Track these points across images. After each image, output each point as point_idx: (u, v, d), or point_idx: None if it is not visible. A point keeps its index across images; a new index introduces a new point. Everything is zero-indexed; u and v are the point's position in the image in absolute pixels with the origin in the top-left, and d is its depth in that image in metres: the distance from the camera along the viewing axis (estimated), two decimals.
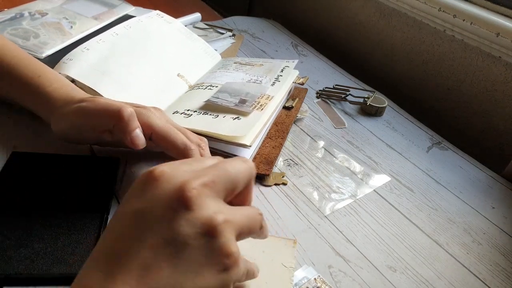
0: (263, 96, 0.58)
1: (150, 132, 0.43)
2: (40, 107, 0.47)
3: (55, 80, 0.47)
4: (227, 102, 0.56)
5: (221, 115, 0.54)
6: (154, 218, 0.26)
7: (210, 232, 0.26)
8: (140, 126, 0.42)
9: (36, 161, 0.45)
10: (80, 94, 0.46)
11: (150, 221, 0.26)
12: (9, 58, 0.48)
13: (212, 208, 0.27)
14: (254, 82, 0.62)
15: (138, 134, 0.41)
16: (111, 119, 0.41)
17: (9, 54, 0.49)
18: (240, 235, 0.29)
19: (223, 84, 0.61)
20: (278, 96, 0.59)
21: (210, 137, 0.49)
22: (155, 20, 0.71)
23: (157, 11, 0.73)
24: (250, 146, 0.49)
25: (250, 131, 0.50)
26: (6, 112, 0.51)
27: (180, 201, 0.26)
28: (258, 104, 0.56)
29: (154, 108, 0.45)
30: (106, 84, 0.54)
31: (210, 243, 0.26)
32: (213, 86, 0.61)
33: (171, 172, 0.28)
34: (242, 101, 0.56)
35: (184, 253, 0.26)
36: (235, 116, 0.53)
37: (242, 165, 0.31)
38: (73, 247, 0.37)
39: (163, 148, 0.44)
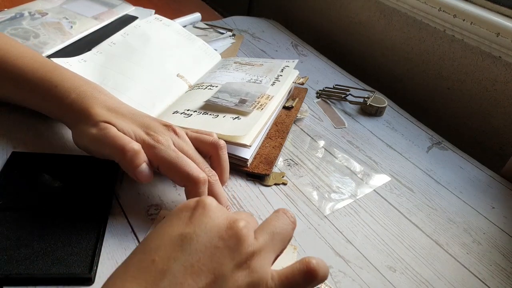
0: (263, 96, 0.58)
1: (157, 165, 0.42)
2: (60, 117, 0.46)
3: (72, 89, 0.45)
4: (227, 102, 0.56)
5: (221, 115, 0.54)
6: (201, 244, 0.27)
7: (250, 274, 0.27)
8: (147, 160, 0.41)
9: (36, 161, 0.45)
10: (97, 105, 0.44)
11: (196, 246, 0.27)
12: (24, 65, 0.47)
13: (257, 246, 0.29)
14: (254, 82, 0.62)
15: (143, 170, 0.40)
16: (115, 154, 0.41)
17: (23, 60, 0.47)
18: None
19: (223, 84, 0.61)
20: (278, 96, 0.59)
21: None
22: (153, 24, 0.71)
23: (156, 15, 0.73)
24: (250, 146, 0.49)
25: (250, 131, 0.50)
26: (6, 112, 0.51)
27: (230, 232, 0.28)
28: (258, 104, 0.56)
29: (168, 129, 0.44)
30: None
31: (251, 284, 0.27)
32: (213, 86, 0.61)
33: (218, 206, 0.30)
34: (242, 101, 0.56)
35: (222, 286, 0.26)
36: (235, 116, 0.53)
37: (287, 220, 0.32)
38: (73, 247, 0.37)
39: (170, 178, 0.42)
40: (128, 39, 0.65)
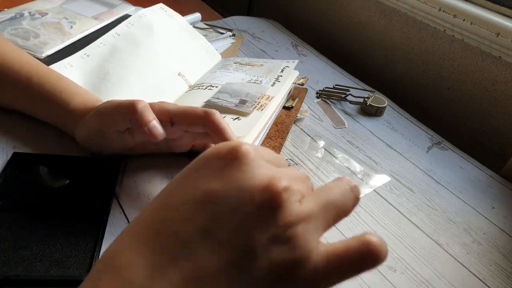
0: (263, 97, 0.58)
1: (169, 118, 0.43)
2: (63, 123, 0.48)
3: (76, 94, 0.47)
4: (227, 103, 0.56)
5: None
6: (228, 206, 0.22)
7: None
8: (156, 118, 0.42)
9: (37, 162, 0.45)
10: (99, 102, 0.47)
11: (222, 209, 0.22)
12: (29, 73, 0.48)
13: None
14: (254, 82, 0.62)
15: (155, 124, 0.41)
16: (126, 113, 0.42)
17: (28, 67, 0.49)
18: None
19: (223, 85, 0.61)
20: (278, 96, 0.59)
21: None
22: (158, 14, 0.70)
23: (161, 4, 0.73)
24: None
25: (250, 131, 0.50)
26: (6, 112, 0.51)
27: (266, 195, 0.22)
28: (258, 104, 0.56)
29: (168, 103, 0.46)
30: (106, 89, 0.55)
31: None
32: (213, 87, 0.61)
33: (256, 158, 0.23)
34: (242, 102, 0.56)
35: (249, 269, 0.21)
36: (235, 116, 0.53)
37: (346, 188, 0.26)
38: (71, 249, 0.37)
39: (187, 124, 0.43)
40: (133, 29, 0.65)
